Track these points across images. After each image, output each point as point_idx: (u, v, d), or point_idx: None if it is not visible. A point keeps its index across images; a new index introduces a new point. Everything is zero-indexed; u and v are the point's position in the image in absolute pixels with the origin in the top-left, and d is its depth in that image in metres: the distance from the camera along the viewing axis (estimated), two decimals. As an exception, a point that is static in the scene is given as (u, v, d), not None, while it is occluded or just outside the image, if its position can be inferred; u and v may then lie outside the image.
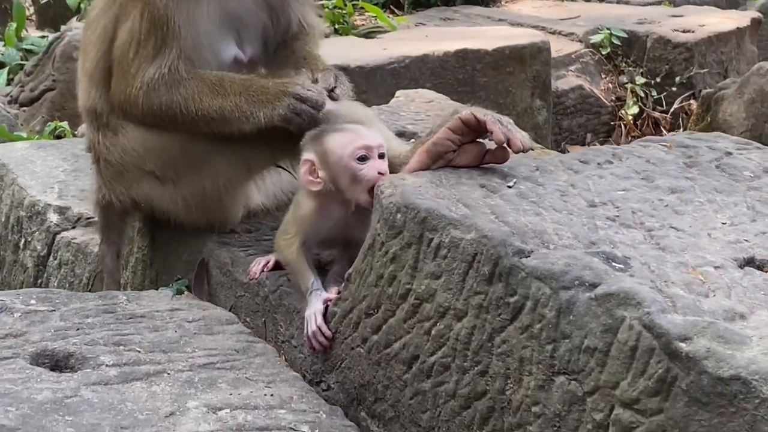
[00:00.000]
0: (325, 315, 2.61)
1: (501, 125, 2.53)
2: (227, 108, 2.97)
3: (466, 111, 2.60)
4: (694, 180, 2.55)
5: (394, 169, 2.72)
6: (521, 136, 2.53)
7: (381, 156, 2.63)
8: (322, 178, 2.64)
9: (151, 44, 3.00)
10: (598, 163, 2.64)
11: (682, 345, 1.87)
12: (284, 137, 2.92)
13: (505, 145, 2.53)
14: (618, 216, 2.35)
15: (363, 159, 2.61)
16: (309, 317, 2.62)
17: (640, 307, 1.95)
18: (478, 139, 2.60)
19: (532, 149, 2.59)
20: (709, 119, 6.31)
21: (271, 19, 3.22)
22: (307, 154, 2.68)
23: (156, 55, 3.01)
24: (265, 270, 2.88)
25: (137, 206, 3.26)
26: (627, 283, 2.00)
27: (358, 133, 2.66)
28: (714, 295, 2.01)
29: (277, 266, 2.88)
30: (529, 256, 2.15)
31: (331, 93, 3.01)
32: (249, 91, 2.98)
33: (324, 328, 2.60)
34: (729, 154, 2.70)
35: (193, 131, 3.05)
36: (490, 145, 2.58)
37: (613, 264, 2.10)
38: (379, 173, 2.58)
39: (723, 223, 2.34)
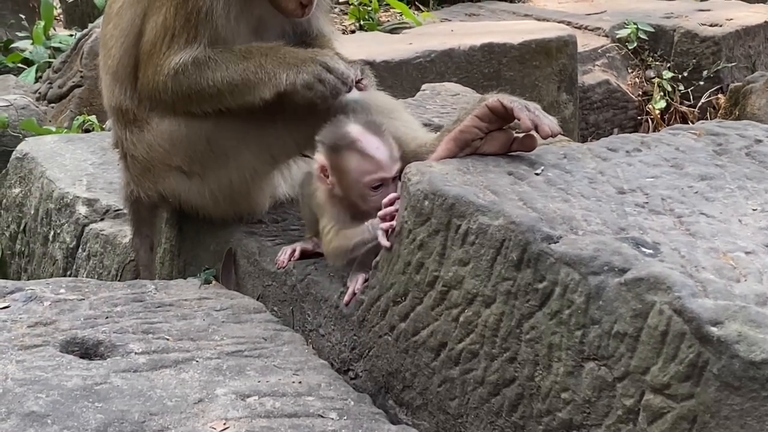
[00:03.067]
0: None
1: (528, 111, 2.51)
2: (251, 69, 2.97)
3: (493, 98, 2.59)
4: (723, 167, 2.53)
5: (420, 157, 2.72)
6: (549, 122, 2.51)
7: (395, 179, 2.61)
8: (332, 183, 2.66)
9: (185, 36, 3.02)
10: (627, 151, 2.63)
11: (714, 329, 1.85)
12: (309, 125, 2.92)
13: (532, 132, 2.52)
14: (647, 203, 2.33)
15: (377, 188, 2.61)
16: (370, 225, 2.53)
17: (670, 291, 1.93)
18: (505, 127, 2.59)
19: (561, 134, 2.58)
20: (737, 113, 6.26)
21: (292, 24, 3.22)
22: (322, 158, 2.67)
23: (187, 45, 3.02)
24: (292, 259, 2.88)
25: (165, 200, 3.27)
26: (657, 268, 1.99)
27: (379, 164, 2.61)
28: (745, 280, 1.99)
29: (304, 255, 2.88)
30: (558, 242, 2.14)
31: (358, 83, 3.01)
32: (277, 53, 2.99)
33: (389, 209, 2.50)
34: (759, 141, 2.68)
35: (219, 107, 3.05)
36: (517, 132, 2.57)
37: (643, 249, 2.09)
38: (390, 202, 2.54)
39: (754, 210, 2.32)
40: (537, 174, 2.47)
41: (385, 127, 2.71)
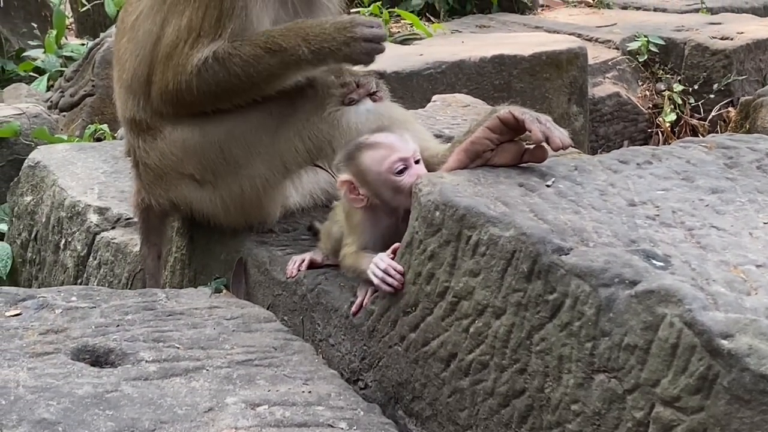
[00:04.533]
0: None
1: (539, 123, 2.52)
2: (284, 49, 2.97)
3: (505, 110, 2.60)
4: (734, 180, 2.54)
5: (431, 168, 2.73)
6: (560, 134, 2.52)
7: (417, 161, 2.63)
8: (364, 194, 2.65)
9: (210, 36, 3.02)
10: (638, 164, 2.63)
11: (724, 342, 1.85)
12: (321, 133, 2.94)
13: (543, 143, 2.52)
14: (658, 215, 2.34)
15: (401, 171, 2.61)
16: (374, 263, 2.54)
17: (681, 304, 1.93)
18: (516, 138, 2.59)
19: (572, 146, 2.58)
20: (747, 126, 6.25)
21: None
22: (344, 176, 2.67)
23: (210, 42, 3.02)
24: (301, 268, 2.89)
25: (176, 209, 3.28)
26: (668, 281, 1.99)
27: (392, 147, 2.63)
28: (756, 293, 1.99)
29: (313, 265, 2.89)
30: (569, 254, 2.15)
31: (373, 95, 3.03)
32: (303, 27, 2.99)
33: (393, 263, 2.51)
34: (770, 155, 2.68)
35: (254, 97, 3.06)
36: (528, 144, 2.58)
37: (654, 262, 2.09)
38: (418, 177, 2.55)
39: (765, 223, 2.32)
40: (548, 186, 2.47)
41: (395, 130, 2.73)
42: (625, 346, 2.00)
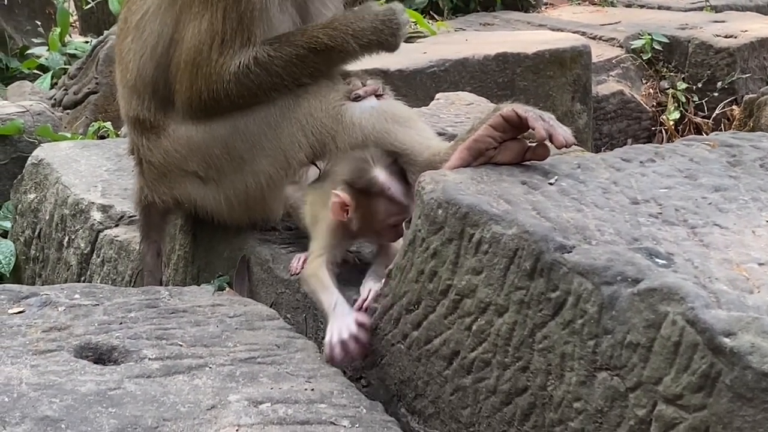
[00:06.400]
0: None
1: (543, 121, 2.52)
2: (338, 42, 3.04)
3: (508, 107, 2.60)
4: (737, 178, 2.53)
5: (434, 166, 2.74)
6: (563, 132, 2.52)
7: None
8: (350, 218, 2.74)
9: (239, 39, 3.03)
10: (641, 162, 2.63)
11: (726, 340, 1.85)
12: (325, 130, 2.95)
13: (546, 141, 2.52)
14: (661, 213, 2.34)
15: (397, 225, 2.73)
16: (343, 327, 2.58)
17: (683, 302, 1.93)
18: (519, 136, 2.59)
19: (575, 144, 2.58)
20: (751, 124, 6.24)
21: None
22: (346, 196, 2.72)
23: (242, 48, 3.04)
24: (304, 266, 2.89)
25: (180, 206, 3.29)
26: (670, 279, 1.99)
27: (406, 209, 2.71)
28: (758, 292, 1.99)
29: None
30: (571, 252, 2.15)
31: (378, 97, 3.05)
32: (338, 20, 3.09)
33: (359, 334, 2.57)
34: (773, 153, 2.68)
35: (296, 88, 3.09)
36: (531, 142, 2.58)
37: (656, 260, 2.09)
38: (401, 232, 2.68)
39: (767, 221, 2.32)
40: (551, 184, 2.47)
41: (401, 166, 2.82)
42: (628, 344, 2.00)
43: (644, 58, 7.25)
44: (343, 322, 2.58)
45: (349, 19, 3.09)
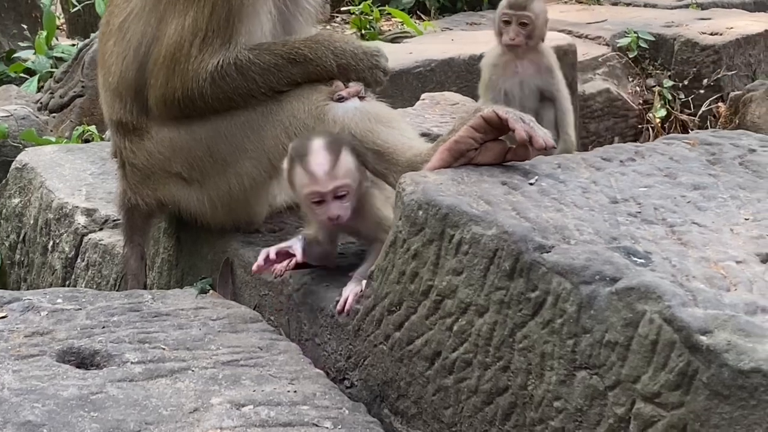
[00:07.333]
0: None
1: (523, 123, 2.53)
2: (305, 64, 3.07)
3: (489, 109, 2.61)
4: (717, 177, 2.54)
5: (416, 167, 2.74)
6: (543, 134, 2.53)
7: (339, 197, 2.67)
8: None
9: (220, 39, 3.03)
10: (621, 161, 2.64)
11: (703, 338, 1.86)
12: (308, 133, 2.96)
13: (527, 143, 2.53)
14: (640, 212, 2.34)
15: (318, 202, 2.68)
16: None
17: (660, 300, 1.94)
18: (499, 137, 2.60)
19: (554, 147, 2.59)
20: (737, 121, 6.27)
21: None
22: (285, 164, 2.78)
23: (222, 47, 3.04)
24: (287, 268, 2.89)
25: (163, 207, 3.28)
26: (647, 278, 2.00)
27: (314, 179, 2.66)
28: (735, 289, 2.00)
29: (299, 265, 2.89)
30: (550, 252, 2.15)
31: (361, 98, 3.05)
32: (328, 42, 3.11)
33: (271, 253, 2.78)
34: (753, 151, 2.69)
35: (268, 98, 3.11)
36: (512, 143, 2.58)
37: (634, 259, 2.10)
38: (329, 218, 2.67)
39: (746, 219, 2.33)
40: (531, 184, 2.48)
41: (349, 145, 2.75)
42: (606, 342, 2.01)
43: (630, 56, 7.26)
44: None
45: (333, 38, 3.13)
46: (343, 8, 8.43)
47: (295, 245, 2.80)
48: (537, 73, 3.33)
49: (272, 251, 2.80)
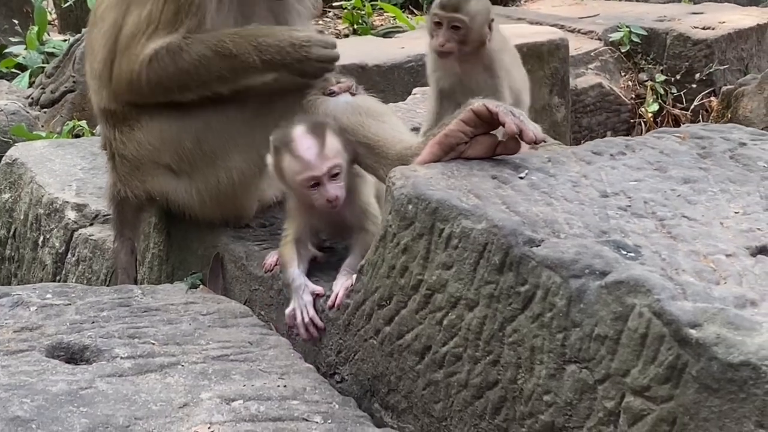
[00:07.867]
0: (315, 307, 2.69)
1: (513, 116, 2.53)
2: (234, 52, 3.00)
3: (479, 102, 2.60)
4: (707, 170, 2.54)
5: (406, 160, 2.73)
6: (533, 128, 2.53)
7: (334, 176, 2.68)
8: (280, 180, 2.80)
9: (168, 28, 3.03)
10: (611, 155, 2.64)
11: (692, 332, 1.86)
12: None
13: (517, 136, 2.53)
14: (630, 206, 2.34)
15: (314, 186, 2.68)
16: (298, 309, 2.69)
17: (650, 294, 1.94)
18: (490, 131, 2.59)
19: (545, 141, 2.59)
20: (729, 116, 6.27)
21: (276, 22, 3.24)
22: (269, 158, 2.77)
23: (168, 35, 3.04)
24: (278, 263, 2.89)
25: (152, 201, 3.27)
26: (637, 271, 2.00)
27: (307, 164, 2.67)
28: (725, 283, 2.00)
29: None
30: (540, 245, 2.15)
31: (352, 93, 3.04)
32: (258, 34, 3.03)
33: (316, 319, 2.67)
34: (743, 144, 2.69)
35: (208, 93, 3.07)
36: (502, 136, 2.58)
37: (624, 252, 2.10)
38: (328, 200, 2.67)
39: (736, 212, 2.33)
40: (521, 178, 2.48)
41: (331, 126, 2.76)
42: (596, 336, 2.01)
43: (623, 50, 7.27)
44: (301, 301, 2.69)
45: (259, 32, 3.05)
46: (335, 3, 8.42)
47: (304, 282, 2.75)
48: (477, 72, 3.05)
49: (311, 311, 2.70)
